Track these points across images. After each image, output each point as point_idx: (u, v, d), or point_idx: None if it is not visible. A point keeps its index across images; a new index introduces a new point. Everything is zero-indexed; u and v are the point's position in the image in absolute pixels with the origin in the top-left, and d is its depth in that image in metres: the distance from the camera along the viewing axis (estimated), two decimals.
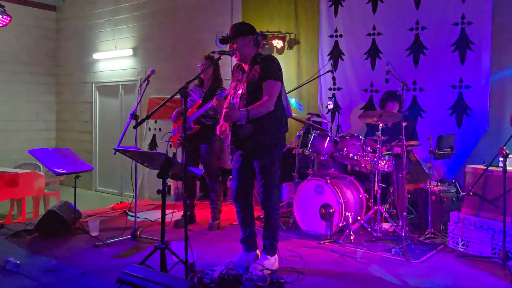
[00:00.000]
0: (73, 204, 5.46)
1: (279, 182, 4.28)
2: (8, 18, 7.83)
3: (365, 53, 6.92)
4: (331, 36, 7.26)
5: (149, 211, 6.76)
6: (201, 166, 5.91)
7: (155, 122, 8.98)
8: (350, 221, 5.22)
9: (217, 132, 4.27)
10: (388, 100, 6.06)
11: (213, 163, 5.74)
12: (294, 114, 5.84)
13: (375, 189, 5.37)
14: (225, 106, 3.92)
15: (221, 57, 4.15)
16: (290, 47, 7.63)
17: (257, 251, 4.34)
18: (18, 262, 4.21)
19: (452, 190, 5.50)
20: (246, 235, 4.30)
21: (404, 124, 5.12)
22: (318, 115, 6.96)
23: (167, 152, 5.70)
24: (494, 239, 4.63)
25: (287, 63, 7.61)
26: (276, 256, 4.22)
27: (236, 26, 4.17)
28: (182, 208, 5.79)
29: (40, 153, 5.39)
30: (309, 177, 5.69)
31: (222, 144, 5.95)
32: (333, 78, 7.12)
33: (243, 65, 4.21)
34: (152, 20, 9.85)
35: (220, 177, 5.93)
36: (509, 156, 4.37)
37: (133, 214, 5.40)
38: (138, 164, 4.75)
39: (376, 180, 5.35)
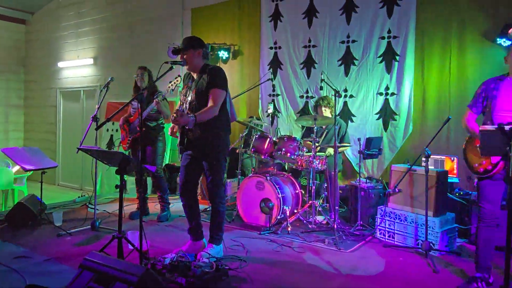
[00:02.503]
0: (39, 197, 5.30)
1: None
2: None
3: (301, 63, 6.53)
4: (271, 48, 6.85)
5: (107, 204, 6.42)
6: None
7: (113, 123, 8.49)
8: (288, 214, 4.93)
9: (169, 133, 4.10)
10: (319, 105, 5.71)
11: (157, 162, 5.45)
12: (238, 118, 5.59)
13: (310, 185, 5.02)
14: (173, 113, 3.68)
15: (173, 66, 3.81)
16: (234, 58, 7.30)
17: (204, 240, 4.13)
18: None
19: (379, 187, 5.19)
20: (192, 226, 4.10)
21: (337, 127, 4.81)
22: (259, 119, 6.68)
23: (130, 152, 5.44)
24: (417, 231, 4.37)
25: (232, 72, 7.21)
26: (221, 245, 4.08)
27: (188, 39, 3.99)
28: (136, 202, 5.71)
29: (12, 151, 5.32)
30: (251, 174, 5.32)
31: (165, 145, 5.67)
32: (273, 86, 6.73)
33: (193, 74, 4.01)
34: (111, 33, 9.37)
35: (163, 175, 5.62)
36: (430, 156, 4.11)
37: (93, 207, 5.24)
38: (98, 161, 4.59)
39: (311, 177, 5.00)
